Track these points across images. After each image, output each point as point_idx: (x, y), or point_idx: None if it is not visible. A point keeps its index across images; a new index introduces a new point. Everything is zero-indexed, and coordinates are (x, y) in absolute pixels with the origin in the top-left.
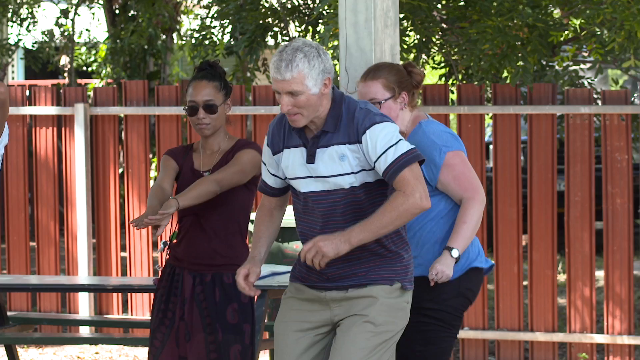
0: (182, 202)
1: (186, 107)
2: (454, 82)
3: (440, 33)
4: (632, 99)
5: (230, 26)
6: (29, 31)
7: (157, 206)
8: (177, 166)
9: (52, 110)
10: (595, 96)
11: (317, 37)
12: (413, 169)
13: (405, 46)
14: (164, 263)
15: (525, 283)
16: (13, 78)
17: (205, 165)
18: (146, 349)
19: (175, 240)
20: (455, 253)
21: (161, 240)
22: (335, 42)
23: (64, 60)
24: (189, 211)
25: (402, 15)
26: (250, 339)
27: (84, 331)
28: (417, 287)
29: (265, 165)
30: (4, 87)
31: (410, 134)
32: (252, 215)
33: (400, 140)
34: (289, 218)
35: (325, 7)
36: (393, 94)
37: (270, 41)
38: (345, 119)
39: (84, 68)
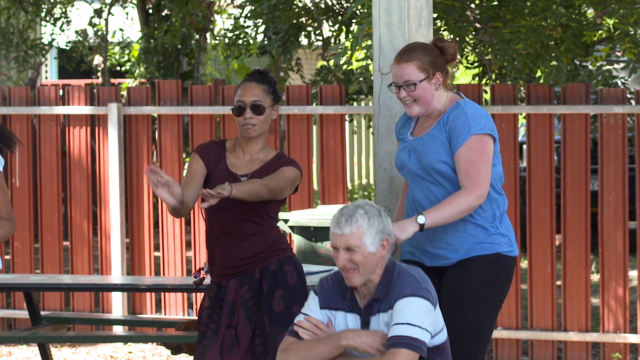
0: (234, 192)
1: (233, 108)
2: (488, 81)
3: (473, 33)
4: None
5: (263, 26)
6: (63, 31)
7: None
8: (206, 169)
9: (86, 109)
10: (628, 96)
11: (350, 36)
12: (411, 354)
13: None
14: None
15: (558, 283)
16: (47, 77)
17: (243, 169)
18: None
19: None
20: (421, 219)
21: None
22: (369, 42)
23: (98, 59)
24: (220, 230)
25: (435, 15)
26: None
27: (118, 331)
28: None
29: (304, 314)
30: None
31: (447, 110)
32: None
33: (421, 328)
34: (322, 218)
35: (359, 7)
36: (427, 75)
37: (304, 41)
38: (394, 285)
39: (118, 68)
